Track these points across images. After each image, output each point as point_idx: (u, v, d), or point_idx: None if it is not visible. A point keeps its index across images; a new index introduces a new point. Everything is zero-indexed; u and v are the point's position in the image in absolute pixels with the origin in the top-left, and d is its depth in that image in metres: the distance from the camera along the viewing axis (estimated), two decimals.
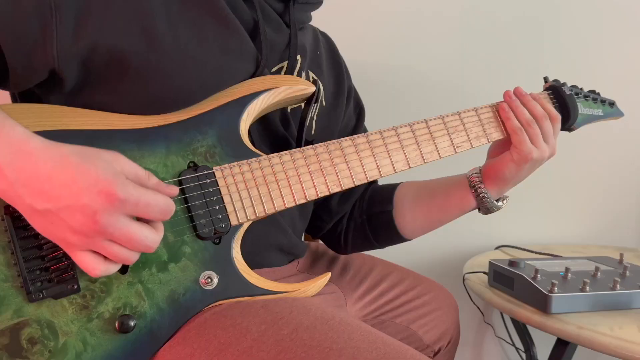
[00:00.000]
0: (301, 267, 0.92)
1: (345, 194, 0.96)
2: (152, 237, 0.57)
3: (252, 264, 0.69)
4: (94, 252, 0.55)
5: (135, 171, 0.57)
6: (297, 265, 0.90)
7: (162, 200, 0.57)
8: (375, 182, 1.01)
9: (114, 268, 0.57)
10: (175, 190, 0.61)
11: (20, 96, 0.70)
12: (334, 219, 0.97)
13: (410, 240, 0.96)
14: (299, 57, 0.82)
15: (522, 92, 0.84)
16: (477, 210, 0.89)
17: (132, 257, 0.57)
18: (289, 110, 0.81)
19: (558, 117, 0.84)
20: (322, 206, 0.95)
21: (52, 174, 0.52)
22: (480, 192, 0.84)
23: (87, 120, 0.63)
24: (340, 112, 0.93)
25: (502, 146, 0.85)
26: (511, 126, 0.81)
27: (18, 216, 0.58)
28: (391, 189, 0.96)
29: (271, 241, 0.80)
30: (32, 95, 0.68)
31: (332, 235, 0.99)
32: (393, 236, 0.95)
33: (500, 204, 0.87)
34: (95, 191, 0.52)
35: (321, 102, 0.87)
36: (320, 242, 1.06)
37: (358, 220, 0.96)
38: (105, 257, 0.56)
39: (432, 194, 0.91)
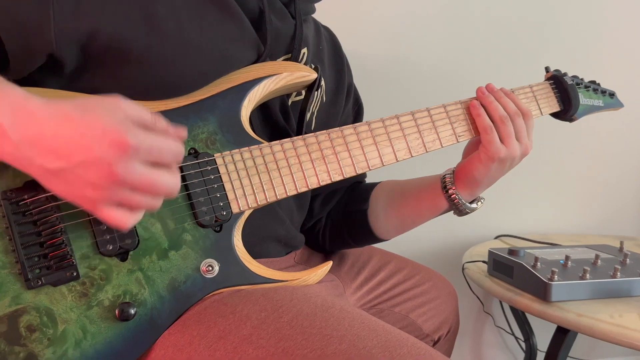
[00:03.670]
0: (299, 258, 0.91)
1: (327, 198, 0.95)
2: (173, 181, 0.56)
3: (250, 255, 0.69)
4: (118, 205, 0.54)
5: (140, 115, 0.54)
6: (294, 257, 0.89)
7: (173, 144, 0.55)
8: (362, 180, 1.00)
9: (140, 216, 0.57)
10: (184, 132, 0.60)
11: (17, 82, 0.69)
12: (314, 220, 0.96)
13: (386, 240, 0.94)
14: (304, 50, 0.81)
15: (494, 88, 0.82)
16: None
17: (156, 204, 0.57)
18: (289, 102, 0.80)
19: (529, 113, 0.82)
20: None
21: (57, 131, 0.50)
22: (451, 193, 0.82)
23: None
24: (339, 108, 0.92)
25: (476, 145, 0.82)
26: (481, 124, 0.79)
27: (16, 201, 0.58)
28: (370, 187, 0.95)
29: (269, 232, 0.79)
30: (30, 81, 0.66)
31: (310, 232, 0.97)
32: (368, 235, 0.93)
33: (473, 205, 0.84)
34: (106, 143, 0.50)
35: (322, 97, 0.86)
36: None
37: (335, 219, 0.95)
38: (130, 208, 0.55)
39: (404, 196, 0.90)
